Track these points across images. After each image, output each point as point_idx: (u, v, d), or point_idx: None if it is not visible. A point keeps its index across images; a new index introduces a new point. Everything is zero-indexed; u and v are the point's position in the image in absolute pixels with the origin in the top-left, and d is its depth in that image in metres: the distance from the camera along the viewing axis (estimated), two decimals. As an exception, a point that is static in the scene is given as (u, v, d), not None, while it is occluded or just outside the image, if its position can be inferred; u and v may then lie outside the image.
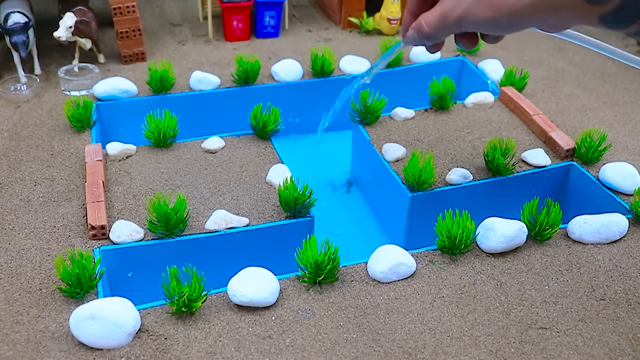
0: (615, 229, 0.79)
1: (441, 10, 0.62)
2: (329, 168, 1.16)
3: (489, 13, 0.56)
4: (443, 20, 0.61)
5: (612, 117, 1.11)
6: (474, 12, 0.58)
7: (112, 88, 1.08)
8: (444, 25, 0.62)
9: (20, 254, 0.76)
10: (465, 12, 0.58)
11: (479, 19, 0.57)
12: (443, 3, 0.62)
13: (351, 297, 0.71)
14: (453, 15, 0.60)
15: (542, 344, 0.66)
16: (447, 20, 0.61)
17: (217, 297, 0.70)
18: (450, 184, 0.90)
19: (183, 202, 0.78)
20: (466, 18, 0.59)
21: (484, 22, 0.57)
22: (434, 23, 0.63)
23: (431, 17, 0.63)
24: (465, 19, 0.59)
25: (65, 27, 1.11)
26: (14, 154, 0.95)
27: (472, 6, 0.58)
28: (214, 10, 1.42)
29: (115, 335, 0.62)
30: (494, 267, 0.76)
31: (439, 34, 0.64)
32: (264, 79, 1.17)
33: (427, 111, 1.09)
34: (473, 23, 0.58)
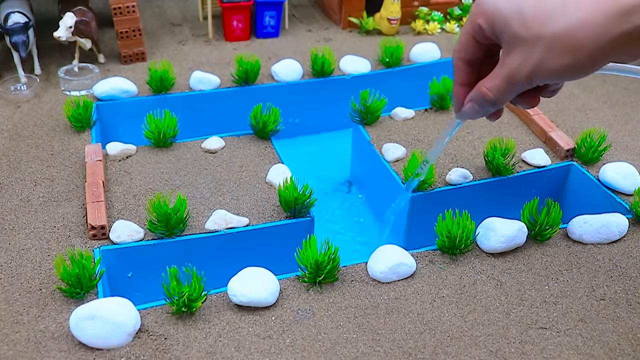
0: (615, 229, 0.79)
1: (507, 71, 0.56)
2: (329, 168, 1.16)
3: (567, 60, 0.52)
4: (510, 81, 0.56)
5: (612, 117, 1.11)
6: (548, 64, 0.53)
7: (112, 88, 1.08)
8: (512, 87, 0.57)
9: (20, 254, 0.76)
10: (536, 67, 0.54)
11: (555, 70, 0.53)
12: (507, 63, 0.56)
13: (351, 297, 0.71)
14: (523, 73, 0.55)
15: (542, 344, 0.66)
16: (515, 79, 0.56)
17: (217, 297, 0.70)
18: (450, 184, 0.90)
19: (183, 202, 0.78)
20: (539, 72, 0.54)
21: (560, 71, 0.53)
22: (500, 87, 0.58)
23: (495, 82, 0.58)
24: (538, 74, 0.54)
25: (65, 27, 1.11)
26: (14, 154, 0.95)
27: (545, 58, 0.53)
28: (214, 10, 1.42)
29: (115, 335, 0.62)
30: (494, 267, 0.76)
31: (506, 98, 0.59)
32: (264, 79, 1.17)
33: (427, 111, 1.09)
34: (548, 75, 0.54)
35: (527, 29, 0.53)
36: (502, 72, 0.57)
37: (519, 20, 0.54)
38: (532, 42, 0.53)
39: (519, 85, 0.56)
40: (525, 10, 0.53)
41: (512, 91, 0.58)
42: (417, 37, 1.41)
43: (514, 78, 0.56)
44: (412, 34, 1.43)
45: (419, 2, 1.46)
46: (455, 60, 0.64)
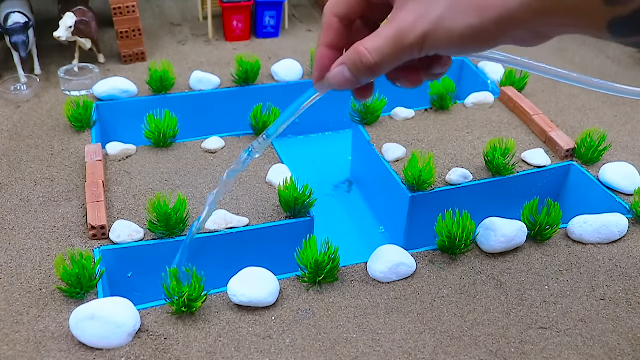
0: (615, 229, 0.79)
1: (396, 28, 0.46)
2: (329, 168, 1.16)
3: (471, 20, 0.43)
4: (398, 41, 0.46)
5: (612, 117, 1.11)
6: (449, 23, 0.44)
7: (112, 88, 1.08)
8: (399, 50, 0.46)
9: (20, 254, 0.76)
10: (434, 26, 0.44)
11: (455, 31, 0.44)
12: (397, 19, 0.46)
13: (351, 297, 0.71)
14: (415, 32, 0.45)
15: (542, 344, 0.66)
16: (404, 40, 0.45)
17: (217, 297, 0.70)
18: (450, 184, 0.90)
19: (183, 202, 0.78)
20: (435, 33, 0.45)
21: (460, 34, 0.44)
22: (384, 48, 0.47)
23: (379, 41, 0.47)
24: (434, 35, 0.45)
25: (65, 27, 1.11)
26: (14, 154, 0.95)
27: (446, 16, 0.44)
28: (214, 10, 1.42)
29: (115, 335, 0.62)
30: (494, 267, 0.76)
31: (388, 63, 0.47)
32: (264, 79, 1.17)
33: (427, 111, 1.09)
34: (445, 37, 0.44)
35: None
36: (390, 31, 0.46)
37: None
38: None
39: (408, 48, 0.46)
40: None
41: (397, 56, 0.47)
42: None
43: (404, 38, 0.46)
44: (412, 34, 1.43)
45: (419, 2, 1.46)
46: (328, 14, 0.52)
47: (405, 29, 0.45)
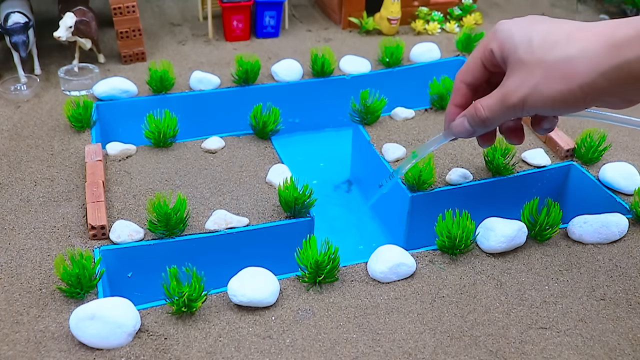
0: (615, 229, 0.79)
1: (504, 91, 0.59)
2: (329, 168, 1.16)
3: (561, 86, 0.54)
4: (504, 101, 0.58)
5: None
6: (543, 89, 0.55)
7: (112, 88, 1.08)
8: (505, 108, 0.59)
9: (20, 254, 0.76)
10: (531, 90, 0.56)
11: (548, 95, 0.55)
12: (505, 85, 0.59)
13: (351, 297, 0.71)
14: (517, 95, 0.57)
15: (542, 344, 0.66)
16: (509, 101, 0.58)
17: (217, 297, 0.70)
18: (450, 184, 0.90)
19: (183, 202, 0.78)
20: (532, 96, 0.56)
21: (553, 98, 0.55)
22: (494, 106, 0.60)
23: (490, 100, 0.60)
24: (531, 98, 0.56)
25: (65, 27, 1.11)
26: (14, 154, 0.95)
27: (541, 83, 0.55)
28: (214, 10, 1.42)
29: (115, 335, 0.62)
30: (494, 267, 0.76)
31: (497, 118, 0.61)
32: (264, 79, 1.17)
33: (427, 111, 1.09)
34: (541, 100, 0.56)
35: (532, 54, 0.56)
36: (499, 93, 0.59)
37: (526, 46, 0.57)
38: (533, 67, 0.56)
39: (512, 107, 0.58)
40: (534, 39, 0.57)
41: (504, 113, 0.60)
42: (417, 37, 1.41)
43: (508, 99, 0.58)
44: (412, 34, 1.43)
45: (419, 2, 1.46)
46: (458, 81, 0.66)
47: (509, 92, 0.58)
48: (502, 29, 0.60)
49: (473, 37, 1.29)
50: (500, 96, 0.59)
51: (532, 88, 0.56)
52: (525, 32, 0.58)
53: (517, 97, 0.57)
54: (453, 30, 1.44)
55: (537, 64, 0.56)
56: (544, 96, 0.55)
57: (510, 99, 0.58)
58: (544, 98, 0.56)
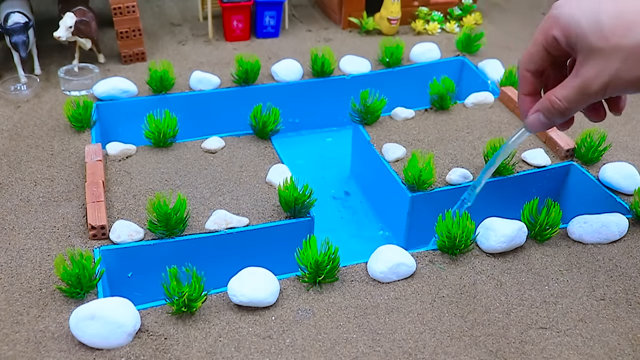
0: (615, 229, 0.79)
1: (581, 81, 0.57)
2: (329, 168, 1.16)
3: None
4: (584, 91, 0.57)
5: (612, 117, 1.11)
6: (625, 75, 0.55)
7: (112, 88, 1.08)
8: (585, 97, 0.58)
9: (20, 254, 0.76)
10: (613, 78, 0.55)
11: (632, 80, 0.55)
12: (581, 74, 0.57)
13: (351, 297, 0.71)
14: (597, 83, 0.56)
15: (542, 344, 0.66)
16: (589, 90, 0.57)
17: (217, 297, 0.70)
18: (450, 184, 0.90)
19: (183, 202, 0.78)
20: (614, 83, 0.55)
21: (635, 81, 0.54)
22: (572, 97, 0.59)
23: (567, 91, 0.59)
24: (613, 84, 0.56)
25: (65, 27, 1.11)
26: (14, 154, 0.95)
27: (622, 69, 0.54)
28: (214, 10, 1.42)
29: (115, 335, 0.62)
30: (494, 267, 0.76)
31: (576, 108, 0.60)
32: (264, 79, 1.17)
33: (427, 111, 1.09)
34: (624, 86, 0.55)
35: (605, 40, 0.55)
36: (576, 82, 0.58)
37: (596, 31, 0.55)
38: (609, 53, 0.55)
39: (592, 96, 0.57)
40: (604, 22, 0.55)
41: (584, 102, 0.59)
42: (417, 37, 1.41)
43: (588, 88, 0.57)
44: (412, 34, 1.43)
45: (419, 2, 1.46)
46: (522, 70, 0.65)
47: (589, 81, 0.56)
48: (564, 13, 0.57)
49: (473, 37, 1.29)
50: (578, 86, 0.58)
51: (612, 75, 0.55)
52: (591, 14, 0.56)
53: (598, 84, 0.56)
54: (453, 30, 1.44)
55: (614, 51, 0.54)
56: (627, 80, 0.55)
57: (591, 87, 0.57)
58: (627, 82, 0.55)
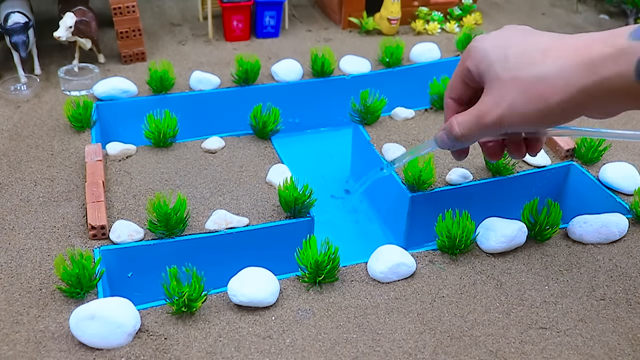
0: (615, 229, 0.79)
1: (477, 110, 0.58)
2: (329, 168, 1.16)
3: (539, 105, 0.53)
4: (479, 120, 0.58)
5: (612, 117, 1.11)
6: (520, 108, 0.54)
7: (112, 88, 1.08)
8: (479, 127, 0.58)
9: (20, 254, 0.76)
10: (508, 109, 0.55)
11: (526, 114, 0.54)
12: (481, 102, 0.58)
13: (351, 297, 0.71)
14: (492, 115, 0.56)
15: (542, 344, 0.66)
16: (483, 120, 0.57)
17: (217, 297, 0.70)
18: (450, 184, 0.90)
19: (183, 202, 0.78)
20: (509, 116, 0.55)
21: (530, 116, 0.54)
22: (468, 124, 0.59)
23: (466, 117, 0.59)
24: (508, 118, 0.55)
25: (65, 27, 1.11)
26: (14, 154, 0.95)
27: (516, 102, 0.54)
28: (214, 10, 1.42)
29: (115, 335, 0.62)
30: (494, 267, 0.76)
31: (471, 136, 0.60)
32: (264, 79, 1.17)
33: (427, 111, 1.09)
34: (518, 119, 0.55)
35: (508, 71, 0.55)
36: (474, 111, 0.59)
37: (502, 63, 0.56)
38: (509, 84, 0.55)
39: (487, 126, 0.57)
40: (510, 56, 0.56)
41: (479, 131, 0.59)
42: (417, 37, 1.41)
43: (483, 118, 0.57)
44: (412, 34, 1.43)
45: (419, 2, 1.46)
46: (445, 97, 0.67)
47: (485, 111, 0.57)
48: (477, 46, 0.60)
49: (473, 37, 1.29)
50: (475, 114, 0.58)
51: (508, 107, 0.55)
52: (500, 49, 0.57)
53: (492, 116, 0.56)
54: (453, 30, 1.44)
55: (513, 82, 0.55)
56: (521, 114, 0.55)
57: (486, 118, 0.57)
58: (520, 116, 0.55)
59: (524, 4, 1.68)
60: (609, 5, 1.66)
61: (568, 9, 1.66)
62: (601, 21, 1.59)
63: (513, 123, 0.56)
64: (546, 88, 0.53)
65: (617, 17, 1.61)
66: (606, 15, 1.62)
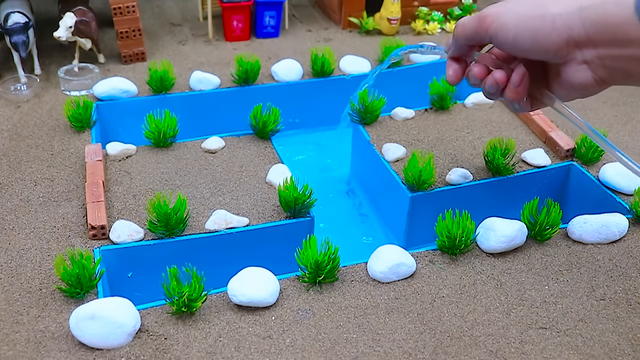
0: (615, 229, 0.79)
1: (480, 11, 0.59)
2: (329, 168, 1.16)
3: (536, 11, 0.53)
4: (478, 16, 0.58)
5: (612, 117, 1.11)
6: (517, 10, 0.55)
7: (112, 88, 1.08)
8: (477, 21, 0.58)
9: (20, 254, 0.76)
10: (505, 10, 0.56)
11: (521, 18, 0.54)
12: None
13: (351, 297, 0.71)
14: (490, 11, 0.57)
15: (542, 344, 0.66)
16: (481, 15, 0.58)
17: (217, 297, 0.70)
18: (450, 184, 0.90)
19: (183, 202, 0.78)
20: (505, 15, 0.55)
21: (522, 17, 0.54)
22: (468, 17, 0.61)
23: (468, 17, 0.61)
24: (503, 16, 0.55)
25: (65, 27, 1.11)
26: (14, 154, 0.95)
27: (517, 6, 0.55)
28: (214, 10, 1.42)
29: (115, 335, 0.62)
30: (494, 267, 0.76)
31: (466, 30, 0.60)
32: (264, 79, 1.17)
33: (427, 111, 1.09)
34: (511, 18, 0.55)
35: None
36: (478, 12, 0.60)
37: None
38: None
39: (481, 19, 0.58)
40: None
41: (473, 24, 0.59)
42: (417, 37, 1.41)
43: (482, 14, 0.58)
44: (412, 34, 1.43)
45: (419, 2, 1.46)
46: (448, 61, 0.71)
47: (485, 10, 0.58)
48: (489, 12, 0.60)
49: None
50: (477, 14, 0.59)
51: (507, 8, 0.56)
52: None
53: (490, 10, 0.57)
54: (453, 31, 1.43)
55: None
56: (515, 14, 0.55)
57: (484, 11, 0.58)
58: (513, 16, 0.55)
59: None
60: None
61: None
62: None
63: (504, 22, 0.56)
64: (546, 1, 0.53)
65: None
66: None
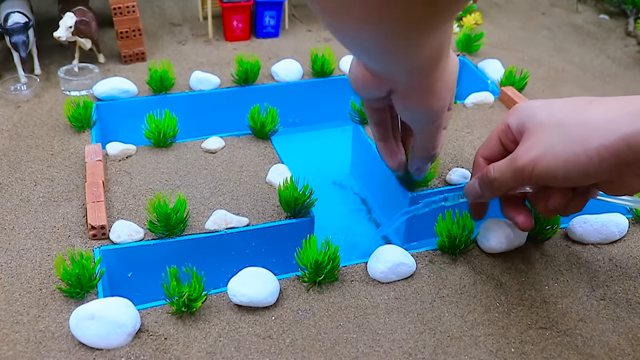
0: (615, 229, 0.79)
1: (513, 154, 0.57)
2: (328, 168, 1.16)
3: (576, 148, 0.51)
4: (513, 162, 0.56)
5: (612, 117, 1.11)
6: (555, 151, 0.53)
7: (112, 88, 1.08)
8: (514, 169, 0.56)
9: (20, 254, 0.76)
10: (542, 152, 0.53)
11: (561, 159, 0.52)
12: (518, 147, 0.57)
13: (351, 297, 0.71)
14: (527, 156, 0.55)
15: (542, 344, 0.66)
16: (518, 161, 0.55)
17: (217, 297, 0.70)
18: (450, 184, 0.90)
19: (183, 202, 0.78)
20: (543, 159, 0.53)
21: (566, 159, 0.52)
22: (503, 167, 0.58)
23: (501, 163, 0.59)
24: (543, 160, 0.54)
25: (65, 27, 1.11)
26: (14, 154, 0.95)
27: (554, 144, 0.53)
28: (214, 10, 1.42)
29: (115, 335, 0.62)
30: (494, 267, 0.76)
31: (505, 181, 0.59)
32: (264, 79, 1.17)
33: (427, 111, 1.08)
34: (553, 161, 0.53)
35: (552, 117, 0.55)
36: (510, 156, 0.58)
37: (547, 112, 0.56)
38: (551, 129, 0.54)
39: (520, 169, 0.56)
40: (555, 105, 0.57)
41: (512, 176, 0.58)
42: (417, 37, 1.41)
43: (518, 160, 0.56)
44: (412, 34, 1.43)
45: (419, 2, 1.46)
46: (477, 156, 0.69)
47: (520, 154, 0.56)
48: (522, 104, 0.61)
49: (473, 37, 1.29)
50: (510, 158, 0.57)
51: (545, 148, 0.54)
52: (546, 104, 0.57)
53: (527, 157, 0.55)
54: (453, 30, 1.44)
55: (556, 127, 0.54)
56: (556, 157, 0.53)
57: (520, 159, 0.55)
58: (555, 159, 0.53)
59: (524, 3, 1.68)
60: (609, 5, 1.66)
61: (568, 8, 1.66)
62: (601, 21, 1.59)
63: (548, 166, 0.53)
64: (587, 132, 0.52)
65: (617, 17, 1.61)
66: (606, 16, 1.62)
